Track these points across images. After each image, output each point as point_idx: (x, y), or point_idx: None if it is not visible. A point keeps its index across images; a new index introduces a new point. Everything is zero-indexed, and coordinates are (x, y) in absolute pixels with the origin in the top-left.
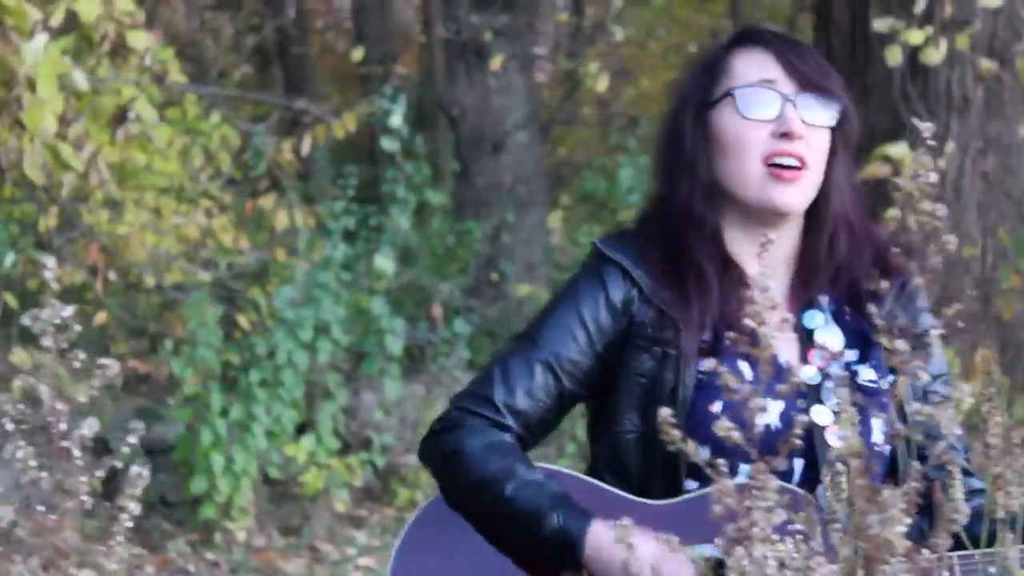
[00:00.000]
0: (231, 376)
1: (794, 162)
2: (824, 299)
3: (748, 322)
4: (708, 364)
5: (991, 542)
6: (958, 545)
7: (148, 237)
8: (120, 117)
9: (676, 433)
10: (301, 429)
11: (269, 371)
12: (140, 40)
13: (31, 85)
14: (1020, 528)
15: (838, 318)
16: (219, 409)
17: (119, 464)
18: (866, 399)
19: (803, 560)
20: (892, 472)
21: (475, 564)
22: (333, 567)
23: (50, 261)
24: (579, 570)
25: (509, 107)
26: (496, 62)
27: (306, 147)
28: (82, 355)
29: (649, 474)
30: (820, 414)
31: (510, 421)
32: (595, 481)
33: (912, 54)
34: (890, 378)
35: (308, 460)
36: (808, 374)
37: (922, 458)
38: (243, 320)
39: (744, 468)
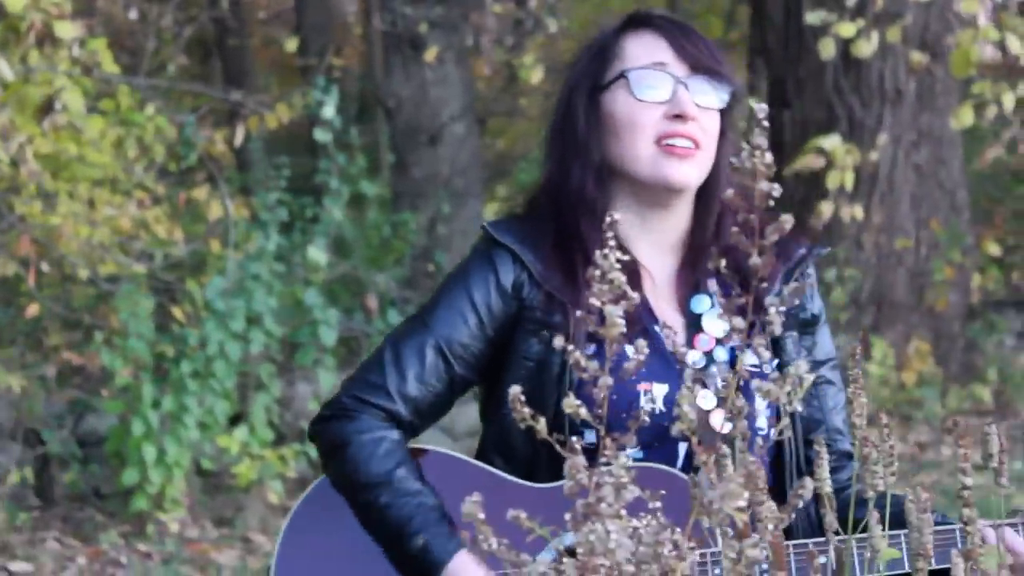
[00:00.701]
0: (164, 367)
1: (687, 143)
2: (711, 282)
3: (594, 302)
4: (557, 343)
5: (858, 523)
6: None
7: (81, 229)
8: (47, 107)
9: (526, 411)
10: (235, 420)
11: (201, 362)
12: (67, 30)
13: None
14: (888, 508)
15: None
16: (151, 400)
17: None
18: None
19: (652, 536)
20: (780, 455)
21: (362, 544)
22: (266, 558)
23: None
24: None
25: (445, 99)
26: (430, 54)
27: (239, 138)
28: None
29: (535, 456)
30: (704, 399)
31: (401, 408)
32: (479, 463)
33: (845, 47)
34: (774, 363)
35: (241, 451)
36: (694, 358)
37: (807, 442)
38: (178, 312)
39: (630, 452)
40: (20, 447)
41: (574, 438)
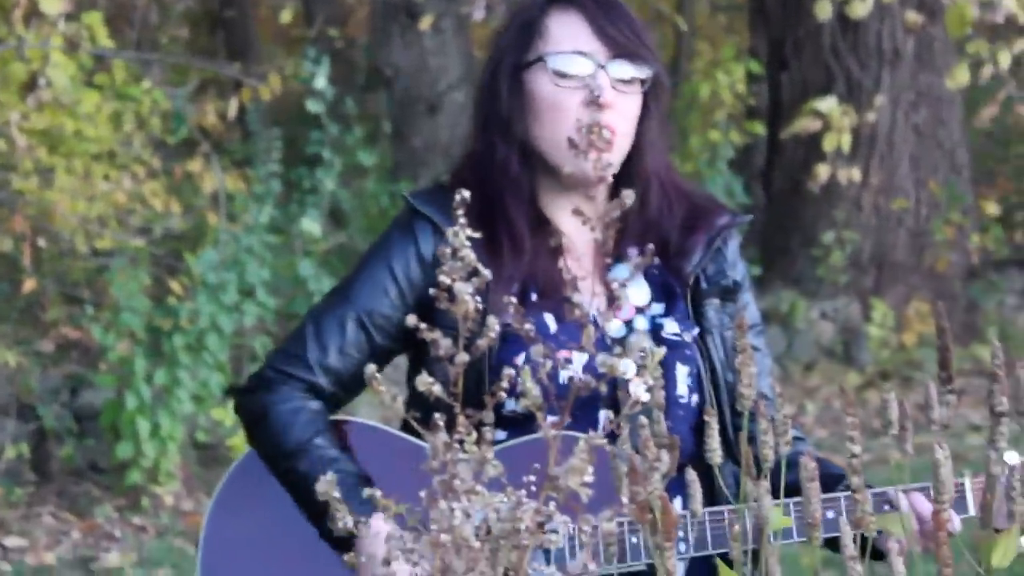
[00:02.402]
0: (158, 341)
1: (604, 132)
2: (632, 252)
3: (444, 279)
4: (410, 320)
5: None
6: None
7: (77, 204)
8: (32, 83)
9: (383, 389)
10: (230, 392)
11: (193, 335)
12: (53, 6)
13: None
14: (783, 478)
15: (645, 271)
16: (144, 374)
17: None
18: (670, 351)
19: (509, 512)
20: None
21: (290, 514)
22: None
23: None
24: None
25: (445, 67)
26: (426, 22)
27: (232, 111)
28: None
29: (456, 425)
30: (624, 367)
31: (322, 380)
32: (399, 433)
33: (842, 8)
34: (695, 331)
35: (236, 423)
36: (614, 327)
37: (733, 410)
38: (175, 285)
39: (551, 419)
40: (16, 422)
41: (437, 415)
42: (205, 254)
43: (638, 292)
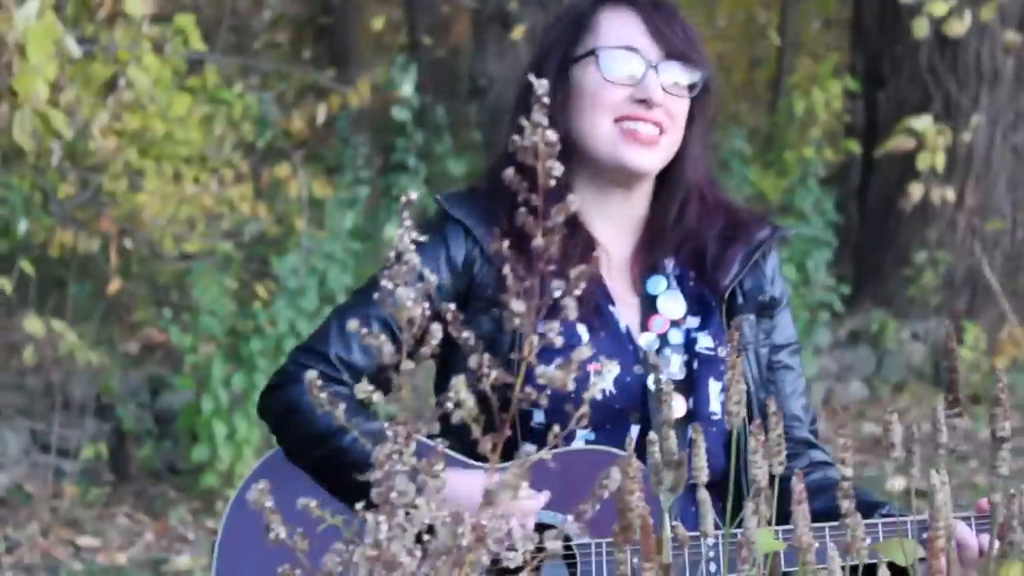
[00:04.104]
0: (237, 345)
1: (651, 129)
2: (669, 263)
3: (386, 284)
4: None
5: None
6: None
7: (165, 207)
8: (112, 85)
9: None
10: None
11: (272, 340)
12: (137, 7)
13: (22, 51)
14: (775, 500)
15: (681, 283)
16: (221, 378)
17: None
18: (703, 366)
19: (449, 529)
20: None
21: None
22: None
23: None
24: None
25: None
26: (518, 31)
27: (321, 116)
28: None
29: (486, 436)
30: (655, 380)
31: (344, 377)
32: (424, 440)
33: (939, 26)
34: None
35: None
36: (647, 340)
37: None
38: (260, 289)
39: (581, 434)
40: (95, 422)
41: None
42: (286, 258)
43: (673, 304)
